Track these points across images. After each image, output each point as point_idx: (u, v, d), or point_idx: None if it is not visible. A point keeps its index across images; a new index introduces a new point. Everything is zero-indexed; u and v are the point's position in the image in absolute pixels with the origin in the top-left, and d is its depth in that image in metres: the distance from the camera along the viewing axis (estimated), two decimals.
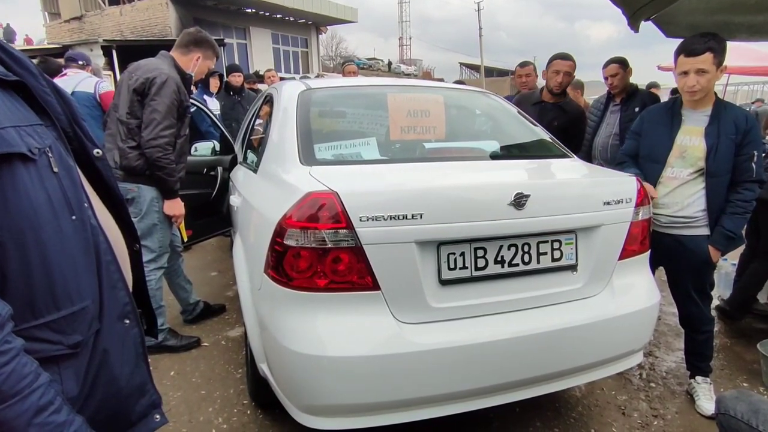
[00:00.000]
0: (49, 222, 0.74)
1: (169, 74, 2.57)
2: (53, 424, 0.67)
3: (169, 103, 2.53)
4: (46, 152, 0.75)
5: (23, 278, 0.71)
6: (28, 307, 0.72)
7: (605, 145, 3.53)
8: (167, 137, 2.54)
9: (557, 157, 2.26)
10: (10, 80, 0.75)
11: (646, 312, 1.94)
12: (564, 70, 3.16)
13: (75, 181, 0.81)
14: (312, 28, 23.46)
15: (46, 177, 0.74)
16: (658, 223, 2.29)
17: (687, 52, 2.12)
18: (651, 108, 2.55)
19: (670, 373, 2.73)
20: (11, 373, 0.63)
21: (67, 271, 0.76)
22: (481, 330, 1.64)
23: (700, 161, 2.20)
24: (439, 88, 2.85)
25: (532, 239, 1.71)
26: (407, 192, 1.59)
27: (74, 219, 0.78)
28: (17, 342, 0.66)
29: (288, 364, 1.60)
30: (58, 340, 0.75)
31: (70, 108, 0.88)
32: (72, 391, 0.77)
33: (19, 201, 0.70)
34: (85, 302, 0.79)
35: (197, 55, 2.76)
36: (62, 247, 0.75)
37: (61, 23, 19.78)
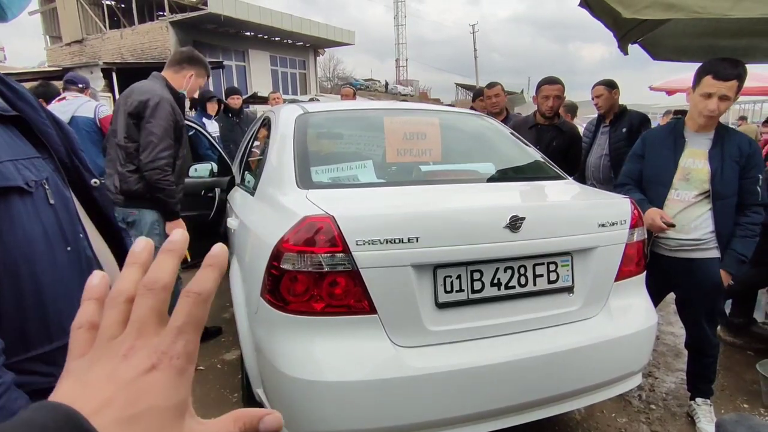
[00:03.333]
0: (44, 254, 0.73)
1: (162, 95, 2.57)
2: None
3: (165, 125, 2.54)
4: (43, 185, 0.76)
5: (16, 311, 0.70)
6: (20, 340, 0.71)
7: (597, 165, 3.59)
8: (165, 158, 2.54)
9: (552, 179, 2.28)
10: (9, 115, 0.75)
11: (644, 333, 1.94)
12: (553, 94, 3.23)
13: (71, 213, 0.81)
14: (310, 50, 23.81)
15: (42, 209, 0.74)
16: (666, 246, 2.27)
17: (717, 75, 2.04)
18: (652, 130, 2.53)
19: (670, 394, 2.71)
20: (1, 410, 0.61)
21: (60, 303, 0.75)
22: (479, 353, 1.64)
23: (705, 183, 2.18)
24: (435, 110, 2.89)
25: (528, 261, 1.72)
26: (403, 215, 1.60)
27: (69, 250, 0.78)
28: (8, 376, 0.65)
29: (284, 389, 1.59)
30: (50, 372, 0.73)
31: (68, 138, 0.89)
32: None
33: (14, 233, 0.70)
34: None
35: (190, 72, 2.75)
36: (56, 279, 0.75)
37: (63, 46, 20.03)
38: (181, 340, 0.32)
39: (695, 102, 2.15)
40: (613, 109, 3.52)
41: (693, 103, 2.17)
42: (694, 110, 2.17)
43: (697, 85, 2.11)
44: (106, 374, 0.31)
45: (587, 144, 3.65)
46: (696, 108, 2.15)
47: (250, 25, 19.07)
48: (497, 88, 4.21)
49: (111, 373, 0.31)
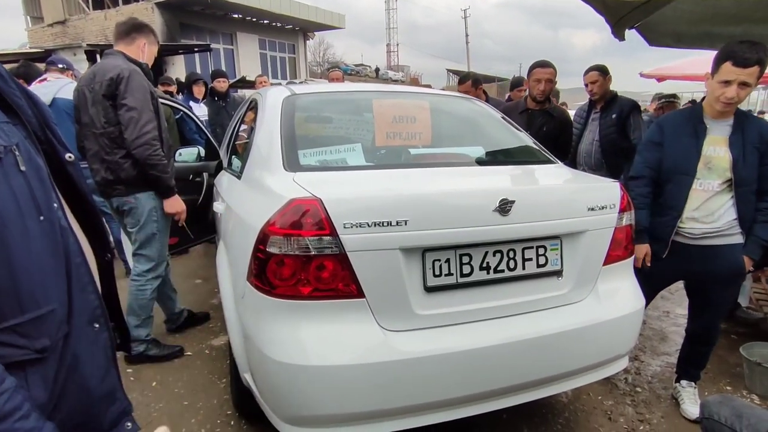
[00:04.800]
0: (14, 222, 0.71)
1: (130, 68, 2.45)
2: (21, 431, 0.65)
3: (141, 97, 2.41)
4: (13, 150, 0.73)
5: None
6: None
7: (588, 151, 3.59)
8: (150, 132, 2.42)
9: (542, 163, 2.27)
10: None
11: (631, 317, 1.95)
12: (545, 77, 3.20)
13: (44, 182, 0.79)
14: (299, 34, 23.45)
15: (12, 175, 0.72)
16: (690, 235, 2.20)
17: (737, 62, 1.93)
18: (668, 117, 2.41)
19: (656, 377, 2.74)
20: None
21: (33, 273, 0.74)
22: (467, 337, 1.63)
23: (727, 171, 2.12)
24: (425, 93, 2.85)
25: (518, 245, 1.71)
26: (392, 198, 1.58)
27: (42, 220, 0.76)
28: None
29: (271, 374, 1.57)
30: (24, 344, 0.73)
31: (41, 112, 0.86)
32: (40, 397, 0.74)
33: None
34: (53, 305, 0.76)
35: (142, 41, 2.62)
36: (28, 249, 0.73)
37: (44, 27, 19.50)
38: None
39: (713, 89, 2.06)
40: (605, 96, 3.50)
41: (711, 90, 2.09)
42: (712, 97, 2.09)
43: (716, 72, 2.02)
44: None
45: (578, 130, 3.65)
46: (713, 95, 2.07)
47: (237, 7, 18.70)
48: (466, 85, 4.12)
49: None
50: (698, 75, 6.96)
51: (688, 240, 2.22)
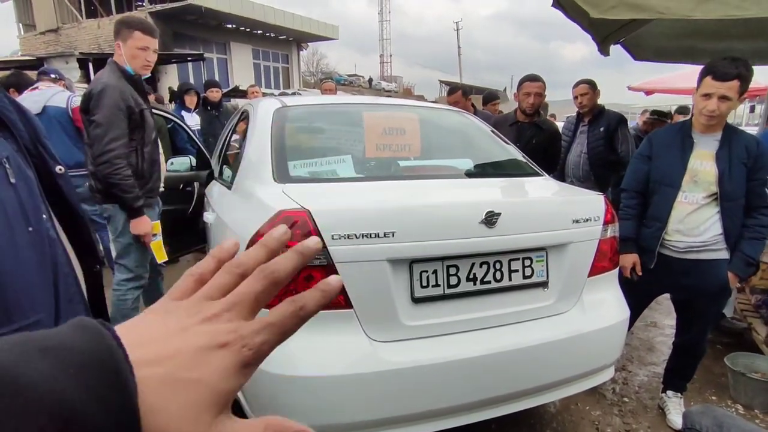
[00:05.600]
0: (2, 233, 0.72)
1: (106, 82, 2.38)
2: None
3: (109, 113, 2.34)
4: (3, 163, 0.75)
5: None
6: None
7: (576, 163, 3.65)
8: (115, 150, 2.35)
9: (529, 176, 2.30)
10: None
11: (616, 327, 1.98)
12: (534, 91, 3.25)
13: (33, 193, 0.80)
14: (293, 44, 23.59)
15: (2, 188, 0.74)
16: (674, 248, 2.24)
17: (716, 76, 2.01)
18: (659, 131, 2.48)
19: (643, 387, 2.77)
20: None
21: (20, 283, 0.74)
22: (455, 347, 1.65)
23: (712, 185, 2.14)
24: (415, 106, 2.89)
25: (504, 257, 1.73)
26: (379, 210, 1.60)
27: (31, 231, 0.77)
28: None
29: (260, 385, 1.57)
30: None
31: (32, 126, 0.87)
32: None
33: None
34: (39, 315, 0.77)
35: (117, 43, 2.51)
36: (16, 259, 0.74)
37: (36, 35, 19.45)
38: (263, 336, 0.31)
39: (696, 102, 2.13)
40: (593, 109, 3.57)
41: (695, 104, 2.16)
42: (696, 110, 2.15)
43: (699, 86, 2.10)
44: (181, 326, 0.30)
45: (566, 142, 3.71)
46: (697, 108, 2.13)
47: (231, 18, 18.79)
48: (456, 95, 4.10)
49: (185, 328, 0.30)
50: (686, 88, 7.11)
51: (674, 253, 2.26)
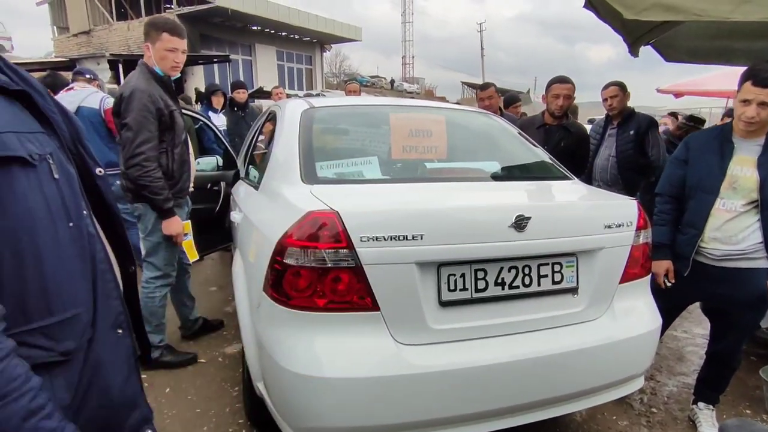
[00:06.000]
0: (46, 227, 0.74)
1: (135, 86, 2.43)
2: (44, 430, 0.66)
3: (138, 117, 2.39)
4: (47, 159, 0.77)
5: (17, 282, 0.71)
6: (20, 312, 0.71)
7: (605, 167, 3.57)
8: (144, 153, 2.40)
9: (558, 179, 2.26)
10: (13, 89, 0.77)
11: (648, 336, 1.93)
12: (563, 93, 3.20)
13: (75, 189, 0.82)
14: (317, 45, 23.79)
15: (46, 183, 0.75)
16: (711, 256, 2.16)
17: (756, 81, 1.94)
18: (697, 135, 2.39)
19: (672, 397, 2.69)
20: (1, 374, 0.63)
21: (61, 277, 0.76)
22: (481, 353, 1.63)
23: (753, 192, 2.06)
24: (441, 108, 2.87)
25: (533, 261, 1.71)
26: (408, 212, 1.59)
27: (71, 226, 0.79)
28: (9, 343, 0.65)
29: (284, 384, 1.58)
30: (50, 346, 0.75)
31: (75, 128, 0.90)
32: (63, 399, 0.76)
33: (16, 205, 0.71)
34: (79, 309, 0.79)
35: (146, 45, 2.56)
36: (58, 253, 0.76)
37: (69, 37, 20.07)
38: None
39: (735, 108, 2.07)
40: (623, 112, 3.49)
41: (735, 109, 2.09)
42: (735, 116, 2.09)
43: (739, 90, 2.03)
44: None
45: (594, 145, 3.64)
46: (736, 114, 2.07)
47: (256, 20, 19.06)
48: (490, 90, 4.09)
49: None
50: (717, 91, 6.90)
51: (710, 261, 2.18)
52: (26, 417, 0.64)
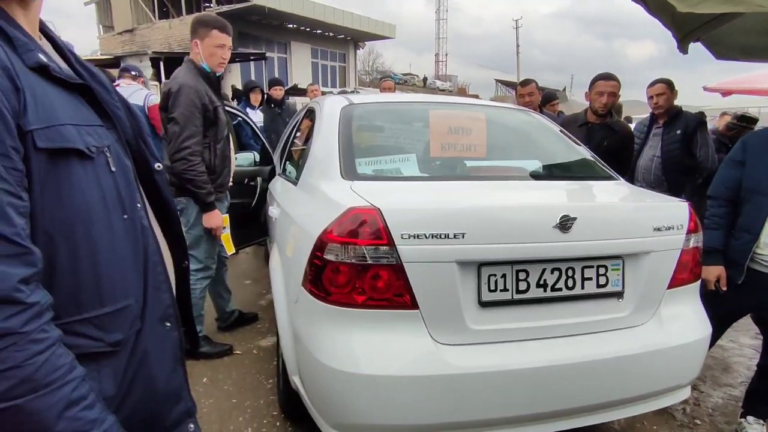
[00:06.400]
0: (101, 219, 0.76)
1: (182, 81, 2.48)
2: (84, 420, 0.67)
3: (186, 112, 2.45)
4: (105, 152, 0.78)
5: (71, 272, 0.72)
6: (72, 301, 0.73)
7: (648, 167, 3.45)
8: (190, 147, 2.46)
9: (602, 179, 2.19)
10: (75, 83, 0.79)
11: (696, 344, 1.84)
12: (608, 90, 3.10)
13: (130, 182, 0.83)
14: (351, 43, 23.90)
15: (102, 175, 0.77)
16: (764, 263, 2.06)
17: None
18: (755, 135, 2.29)
19: (717, 409, 2.58)
20: (45, 363, 0.63)
21: (114, 268, 0.77)
22: (520, 355, 1.59)
23: None
24: (481, 105, 2.83)
25: (577, 264, 1.66)
26: (450, 211, 1.57)
27: (126, 218, 0.80)
28: (55, 332, 0.66)
29: (321, 379, 1.59)
30: (100, 336, 0.76)
31: (137, 123, 0.92)
32: (109, 390, 0.77)
33: (72, 196, 0.72)
34: (129, 300, 0.80)
35: (194, 41, 2.60)
36: (111, 245, 0.77)
37: (114, 35, 20.84)
38: None
39: None
40: (669, 110, 3.36)
41: None
42: None
43: None
44: None
45: (638, 145, 3.51)
46: None
47: (293, 17, 19.31)
48: (531, 86, 4.02)
49: None
50: None
51: (765, 268, 2.07)
52: (67, 406, 0.65)
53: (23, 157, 0.66)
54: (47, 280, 0.69)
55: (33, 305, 0.63)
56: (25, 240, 0.64)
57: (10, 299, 0.61)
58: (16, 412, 0.61)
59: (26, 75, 0.69)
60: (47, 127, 0.69)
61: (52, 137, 0.69)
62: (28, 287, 0.63)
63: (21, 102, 0.67)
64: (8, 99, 0.65)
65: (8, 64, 0.66)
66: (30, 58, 0.71)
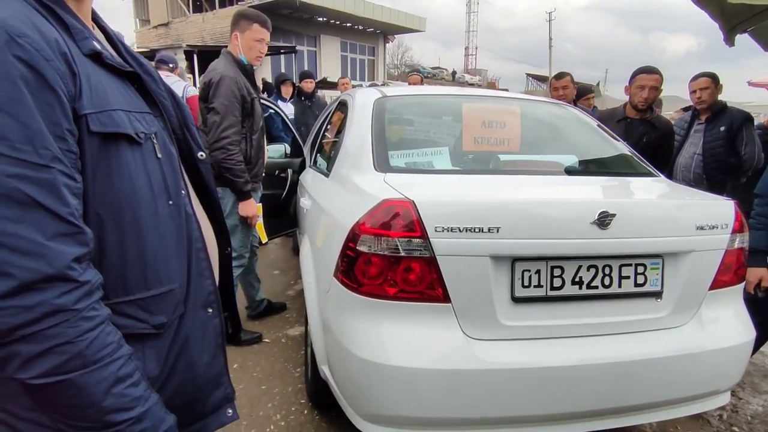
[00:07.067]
0: (148, 204, 0.77)
1: (222, 72, 2.52)
2: (130, 397, 0.69)
3: (226, 102, 2.49)
4: (152, 138, 0.80)
5: (118, 254, 0.74)
6: (120, 283, 0.75)
7: (688, 165, 3.33)
8: (229, 137, 2.51)
9: (642, 175, 2.13)
10: (126, 71, 0.81)
11: (738, 349, 1.77)
12: (650, 84, 2.99)
13: (175, 169, 0.85)
14: (380, 36, 23.83)
15: (150, 161, 0.79)
16: None
17: None
18: None
19: (757, 417, 2.48)
20: (95, 339, 0.65)
21: (159, 253, 0.79)
22: (553, 353, 1.57)
23: None
24: (515, 99, 2.78)
25: (615, 261, 1.61)
26: (485, 204, 1.55)
27: (171, 204, 0.82)
28: (104, 311, 0.68)
29: (351, 369, 1.60)
30: (145, 318, 0.78)
31: (182, 113, 0.94)
32: (152, 371, 0.79)
33: (121, 180, 0.74)
34: (173, 285, 0.82)
35: (234, 34, 2.64)
36: (157, 229, 0.79)
37: (150, 29, 21.37)
38: None
39: None
40: (713, 106, 3.22)
41: None
42: None
43: None
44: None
45: (678, 141, 3.39)
46: None
47: (322, 11, 19.36)
48: (566, 79, 3.94)
49: None
50: None
51: None
52: (114, 383, 0.67)
53: (77, 140, 0.68)
54: (97, 261, 0.71)
55: (85, 284, 0.65)
56: (78, 220, 0.66)
57: (63, 277, 0.63)
58: (67, 386, 0.63)
59: (82, 61, 0.71)
60: (100, 112, 0.71)
61: (105, 122, 0.71)
62: (81, 266, 0.65)
63: (77, 86, 0.69)
64: (65, 84, 0.67)
65: (66, 50, 0.68)
66: (85, 45, 0.73)
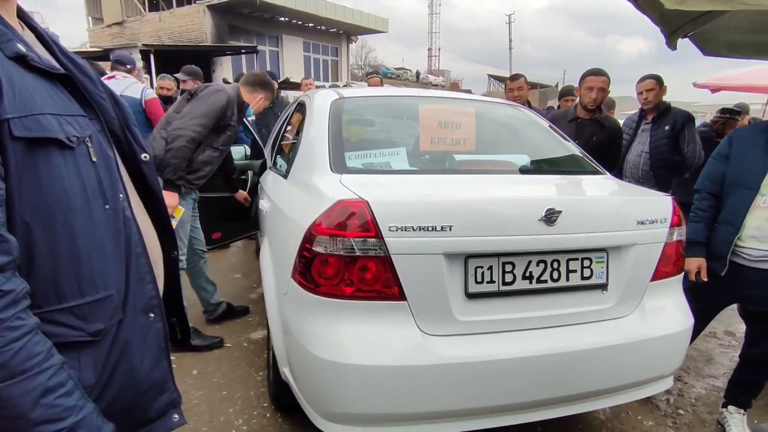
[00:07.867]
0: (81, 208, 0.75)
1: (230, 93, 2.73)
2: (61, 407, 0.67)
3: (210, 108, 2.63)
4: (86, 142, 0.78)
5: (49, 261, 0.72)
6: (52, 290, 0.73)
7: (637, 162, 3.49)
8: (194, 134, 2.58)
9: (589, 173, 2.22)
10: (57, 73, 0.79)
11: (679, 335, 1.88)
12: (597, 86, 3.12)
13: (112, 172, 0.83)
14: (343, 37, 23.78)
15: (83, 165, 0.77)
16: (747, 256, 2.10)
17: None
18: (741, 129, 2.34)
19: (700, 400, 2.63)
20: (21, 349, 0.64)
21: (94, 258, 0.77)
22: (507, 346, 1.62)
23: None
24: (470, 100, 2.85)
25: (562, 256, 1.69)
26: (437, 203, 1.59)
27: (107, 208, 0.80)
28: (32, 320, 0.67)
29: (310, 369, 1.61)
30: (80, 326, 0.76)
31: (123, 114, 0.92)
32: (89, 379, 0.77)
33: (52, 185, 0.72)
34: (110, 291, 0.80)
35: (261, 95, 2.93)
36: (91, 235, 0.77)
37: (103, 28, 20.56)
38: None
39: None
40: (658, 106, 3.39)
41: None
42: None
43: None
44: None
45: (627, 140, 3.55)
46: None
47: (284, 10, 19.15)
48: (520, 81, 4.04)
49: None
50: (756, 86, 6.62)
51: (747, 262, 2.11)
52: (44, 393, 0.65)
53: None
54: (26, 269, 0.69)
55: (9, 293, 0.63)
56: (1, 228, 0.64)
57: None
58: None
59: (4, 64, 0.69)
60: (25, 116, 0.69)
61: (30, 126, 0.69)
62: (4, 275, 0.64)
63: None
64: None
65: None
66: (8, 47, 0.71)
